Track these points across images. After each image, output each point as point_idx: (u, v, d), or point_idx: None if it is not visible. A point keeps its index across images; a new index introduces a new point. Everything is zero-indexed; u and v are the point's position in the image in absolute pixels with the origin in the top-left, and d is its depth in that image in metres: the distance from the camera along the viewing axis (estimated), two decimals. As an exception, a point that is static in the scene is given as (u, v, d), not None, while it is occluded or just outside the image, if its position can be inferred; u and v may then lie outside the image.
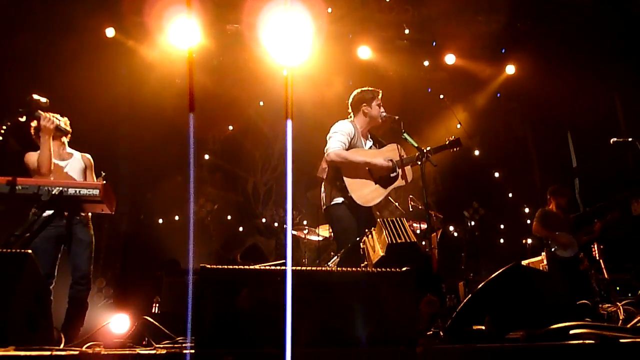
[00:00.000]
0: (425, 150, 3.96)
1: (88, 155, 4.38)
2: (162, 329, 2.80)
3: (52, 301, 3.76)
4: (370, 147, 4.30)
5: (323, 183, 4.27)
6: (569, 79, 7.74)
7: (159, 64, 7.75)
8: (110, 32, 7.48)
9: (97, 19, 7.36)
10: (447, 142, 4.20)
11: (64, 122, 4.17)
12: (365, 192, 4.02)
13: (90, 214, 4.13)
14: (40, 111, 3.77)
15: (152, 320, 3.12)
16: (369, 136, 4.36)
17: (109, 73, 8.01)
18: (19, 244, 3.01)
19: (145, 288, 7.26)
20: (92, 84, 7.39)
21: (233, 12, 7.54)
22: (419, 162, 3.84)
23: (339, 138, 4.12)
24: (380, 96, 4.33)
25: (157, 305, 6.52)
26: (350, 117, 4.36)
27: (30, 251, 2.32)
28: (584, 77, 7.60)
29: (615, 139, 4.79)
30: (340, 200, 4.05)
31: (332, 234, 6.77)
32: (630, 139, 4.70)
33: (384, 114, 4.20)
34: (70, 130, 4.15)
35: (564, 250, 6.07)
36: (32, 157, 3.94)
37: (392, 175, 4.08)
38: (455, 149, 4.24)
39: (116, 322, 4.69)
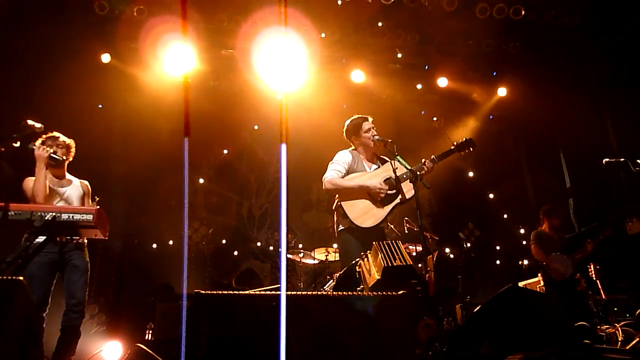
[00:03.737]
0: (432, 158, 4.12)
1: (86, 182, 4.40)
2: (156, 357, 2.75)
3: (44, 329, 3.71)
4: (375, 170, 4.36)
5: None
6: (561, 101, 7.84)
7: (154, 88, 7.79)
8: (105, 57, 7.54)
9: (92, 44, 7.42)
10: (453, 146, 4.23)
11: (66, 145, 4.19)
12: (367, 215, 4.09)
13: (86, 239, 4.10)
14: (34, 143, 3.80)
15: (145, 347, 3.07)
16: (376, 159, 4.47)
17: (104, 98, 8.05)
18: (10, 271, 2.97)
19: (138, 314, 7.16)
20: (87, 109, 7.42)
21: (228, 37, 7.63)
22: (412, 183, 3.85)
23: (333, 167, 4.29)
24: (370, 120, 4.46)
25: (151, 331, 6.42)
26: (352, 146, 4.54)
27: (21, 278, 2.29)
28: (575, 99, 7.70)
29: (607, 160, 4.83)
30: (344, 226, 4.17)
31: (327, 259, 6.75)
32: (622, 159, 4.73)
33: (377, 137, 4.27)
34: (63, 158, 4.14)
35: (559, 273, 6.05)
36: (29, 184, 3.94)
37: (390, 192, 4.11)
38: (466, 152, 4.25)
39: (108, 350, 4.61)
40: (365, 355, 1.98)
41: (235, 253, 9.45)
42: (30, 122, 3.53)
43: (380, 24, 7.74)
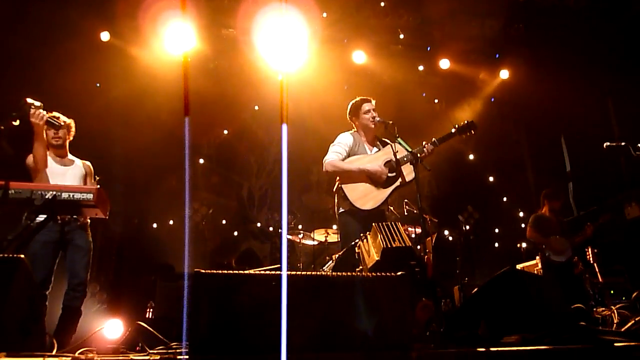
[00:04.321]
0: (432, 141, 4.10)
1: (88, 163, 4.41)
2: (156, 335, 2.78)
3: (47, 307, 3.75)
4: (376, 152, 4.36)
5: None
6: (563, 84, 7.78)
7: (154, 67, 7.72)
8: (105, 36, 7.46)
9: (92, 22, 7.34)
10: (454, 129, 4.22)
11: (67, 125, 4.17)
12: (367, 197, 4.11)
13: (89, 219, 4.12)
14: (30, 106, 3.71)
15: (145, 325, 3.10)
16: (377, 142, 4.47)
17: (103, 77, 7.99)
18: (11, 249, 2.99)
19: (139, 293, 7.23)
20: (86, 87, 7.37)
21: (228, 16, 7.54)
22: (412, 165, 3.85)
23: (334, 149, 4.30)
24: (372, 102, 4.46)
25: (151, 310, 6.49)
26: (353, 128, 4.54)
27: (22, 256, 2.30)
28: (578, 82, 7.65)
29: (608, 144, 4.80)
30: (344, 208, 4.20)
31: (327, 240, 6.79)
32: (623, 143, 4.71)
33: (377, 118, 4.27)
34: (61, 123, 4.10)
35: (558, 254, 6.10)
36: (31, 158, 3.94)
37: (390, 175, 4.12)
38: (467, 135, 4.23)
39: (109, 328, 4.66)
40: (363, 335, 2.00)
41: (235, 233, 9.50)
42: (29, 100, 3.51)
43: (382, 4, 7.65)
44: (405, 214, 6.06)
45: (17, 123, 3.37)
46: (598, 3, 7.42)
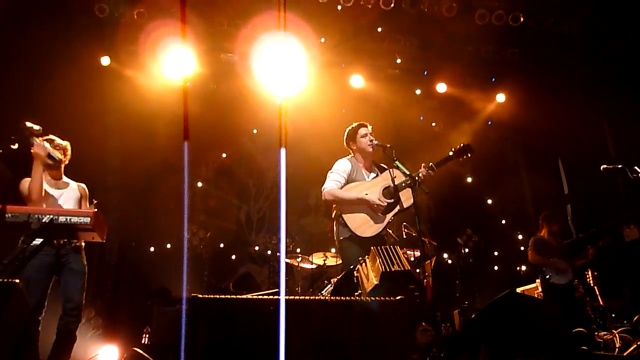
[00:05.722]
0: (430, 165, 4.11)
1: (83, 185, 4.38)
2: (152, 361, 2.74)
3: (40, 332, 3.69)
4: (374, 179, 4.37)
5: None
6: (559, 107, 7.85)
7: (154, 92, 7.78)
8: (105, 60, 7.55)
9: (92, 47, 7.43)
10: (451, 152, 4.23)
11: (63, 148, 4.17)
12: (367, 225, 4.12)
13: (83, 242, 4.09)
14: (35, 137, 3.74)
15: (141, 351, 3.05)
16: (374, 167, 4.48)
17: (103, 101, 8.04)
18: (7, 273, 2.96)
19: (135, 318, 7.13)
20: (86, 111, 7.41)
21: (227, 41, 7.64)
22: (410, 188, 3.86)
23: (333, 177, 4.30)
24: (368, 127, 4.48)
25: (147, 335, 6.39)
26: (351, 154, 4.55)
27: (17, 281, 2.28)
28: (573, 105, 7.72)
29: (605, 166, 4.83)
30: (345, 235, 4.18)
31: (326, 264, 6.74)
32: (620, 166, 4.73)
33: (375, 142, 4.28)
34: (62, 158, 4.13)
35: (559, 277, 6.05)
36: (26, 184, 3.91)
37: (388, 202, 4.12)
38: (464, 158, 4.24)
39: (105, 354, 4.59)
40: (362, 359, 1.98)
41: (233, 257, 9.43)
42: (28, 123, 3.52)
43: (379, 29, 7.77)
44: (404, 237, 6.05)
45: (15, 147, 3.37)
46: (592, 27, 7.54)
